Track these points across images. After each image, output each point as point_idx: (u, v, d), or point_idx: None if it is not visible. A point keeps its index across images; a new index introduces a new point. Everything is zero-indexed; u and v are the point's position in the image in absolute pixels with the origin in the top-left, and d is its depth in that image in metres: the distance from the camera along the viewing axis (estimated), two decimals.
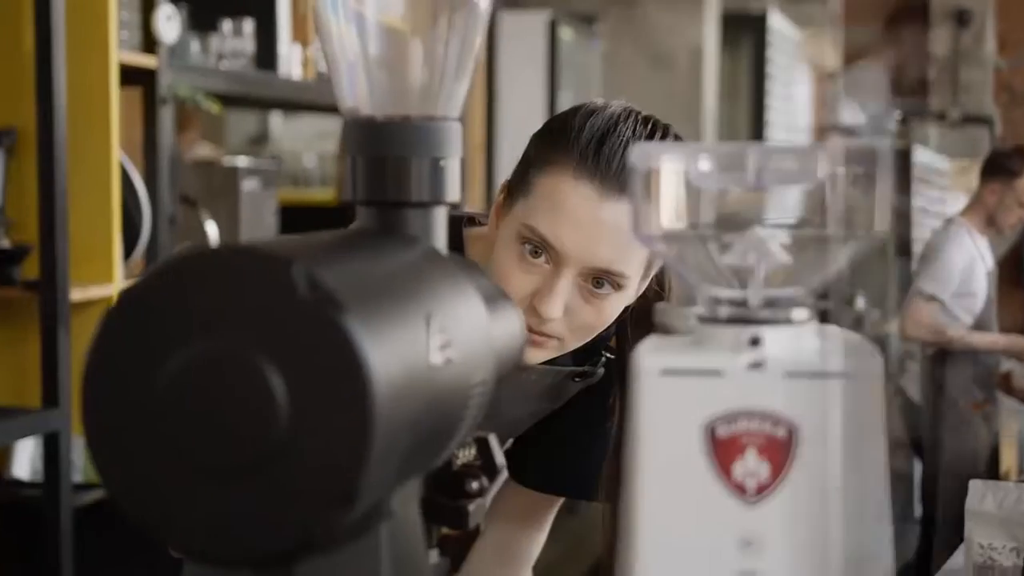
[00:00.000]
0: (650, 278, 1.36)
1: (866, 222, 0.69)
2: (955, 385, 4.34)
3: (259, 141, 5.66)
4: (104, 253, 2.46)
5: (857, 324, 5.16)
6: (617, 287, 1.28)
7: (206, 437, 0.61)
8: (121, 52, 2.56)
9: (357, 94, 0.80)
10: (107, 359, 0.62)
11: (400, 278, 0.70)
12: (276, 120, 5.64)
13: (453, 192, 0.80)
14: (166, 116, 2.68)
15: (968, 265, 4.29)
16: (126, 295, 0.62)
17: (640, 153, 0.70)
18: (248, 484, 0.60)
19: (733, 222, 0.72)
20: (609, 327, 1.36)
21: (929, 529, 4.38)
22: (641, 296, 1.36)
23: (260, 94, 3.23)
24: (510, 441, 1.51)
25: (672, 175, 0.70)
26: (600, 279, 1.27)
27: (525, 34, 5.67)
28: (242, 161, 3.21)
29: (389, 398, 0.61)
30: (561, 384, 1.46)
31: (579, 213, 1.24)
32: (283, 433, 0.60)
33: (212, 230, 2.92)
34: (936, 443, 4.31)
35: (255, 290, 0.61)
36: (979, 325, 4.32)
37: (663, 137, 1.30)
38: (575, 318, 1.29)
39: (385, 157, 0.78)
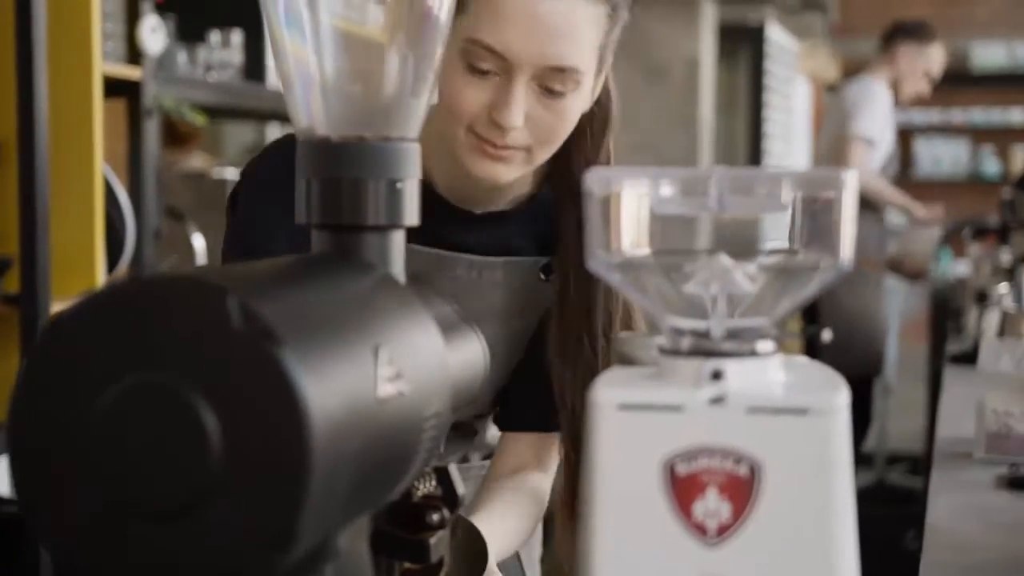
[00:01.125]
0: (603, 76, 1.33)
1: (832, 250, 0.66)
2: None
3: (256, 152, 5.62)
4: (87, 266, 2.43)
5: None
6: (574, 84, 1.25)
7: (137, 474, 0.58)
8: (105, 64, 2.53)
9: (312, 113, 0.77)
10: (36, 391, 0.60)
11: (348, 307, 0.67)
12: (273, 130, 5.61)
13: (411, 215, 0.78)
14: (151, 128, 2.65)
15: (885, 117, 4.35)
16: (56, 324, 0.59)
17: (598, 177, 0.67)
18: (180, 524, 0.58)
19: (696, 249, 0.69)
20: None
21: None
22: (595, 102, 1.34)
23: (248, 105, 3.20)
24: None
25: (632, 200, 0.68)
26: (553, 82, 1.24)
27: None
28: (231, 173, 3.19)
29: (328, 434, 0.58)
30: (530, 287, 1.40)
31: (520, 13, 1.21)
32: (216, 471, 0.57)
33: (199, 243, 2.90)
34: (831, 300, 4.24)
35: (188, 321, 0.58)
36: None
37: None
38: (537, 126, 1.25)
39: (340, 179, 0.76)
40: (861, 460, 5.57)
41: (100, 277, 2.47)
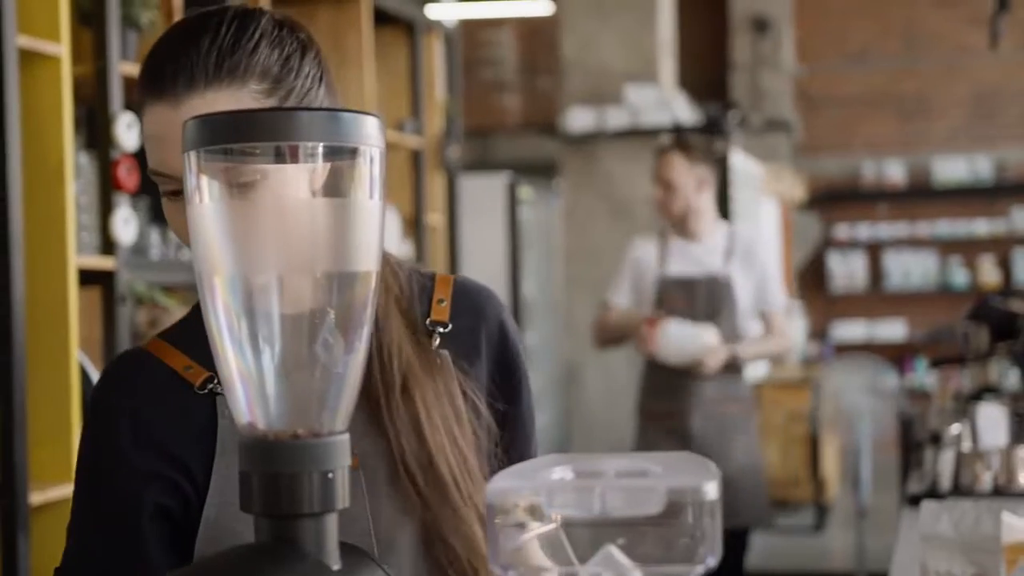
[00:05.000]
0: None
1: (702, 547, 0.76)
2: (640, 389, 4.27)
3: None
4: (64, 454, 2.51)
5: None
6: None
7: None
8: (80, 256, 2.64)
9: (252, 412, 0.87)
10: None
11: None
12: None
13: (344, 498, 0.87)
14: (124, 314, 2.76)
15: (636, 273, 4.22)
16: None
17: (495, 489, 0.77)
18: None
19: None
20: None
21: None
22: None
23: None
24: None
25: (528, 506, 0.77)
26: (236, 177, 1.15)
27: (486, 195, 5.82)
28: None
29: None
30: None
31: (165, 132, 1.18)
32: None
33: None
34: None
35: None
36: None
37: (241, 26, 1.20)
38: None
39: (278, 474, 0.85)
40: None
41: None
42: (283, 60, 1.22)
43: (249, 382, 0.87)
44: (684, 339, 4.04)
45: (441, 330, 1.32)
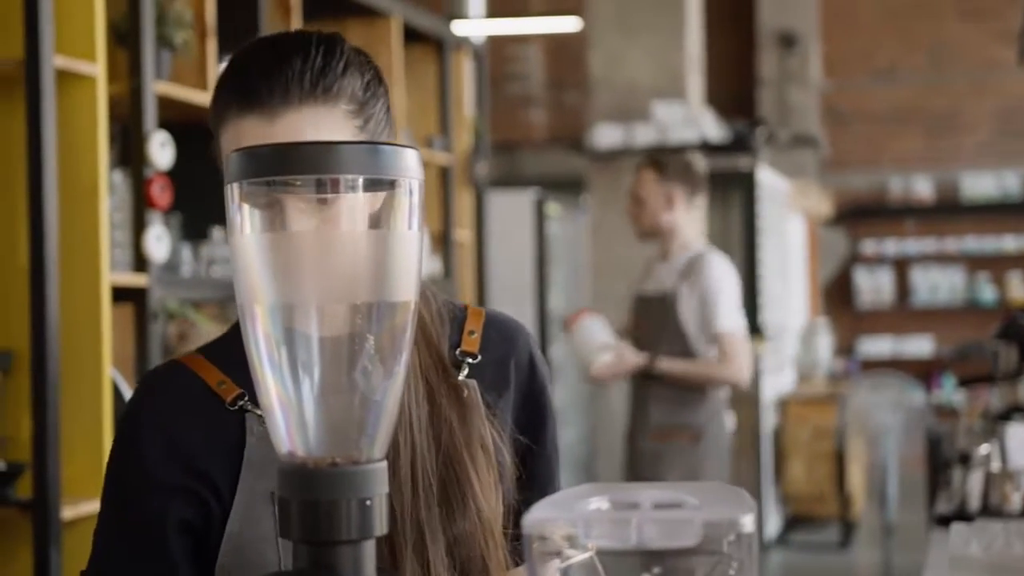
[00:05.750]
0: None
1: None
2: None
3: None
4: (96, 469, 2.54)
5: None
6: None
7: None
8: (113, 273, 2.67)
9: (291, 440, 0.88)
10: None
11: None
12: None
13: (381, 526, 0.88)
14: (156, 331, 2.78)
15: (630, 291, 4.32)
16: None
17: (533, 520, 0.78)
18: None
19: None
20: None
21: None
22: None
23: None
24: None
25: (564, 537, 0.78)
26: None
27: (513, 211, 5.83)
28: None
29: None
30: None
31: (255, 143, 1.16)
32: None
33: None
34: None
35: None
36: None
37: (329, 49, 1.24)
38: None
39: (317, 501, 0.86)
40: None
41: None
42: (365, 85, 1.26)
43: (289, 409, 0.88)
44: (583, 341, 4.09)
45: (471, 361, 1.33)
